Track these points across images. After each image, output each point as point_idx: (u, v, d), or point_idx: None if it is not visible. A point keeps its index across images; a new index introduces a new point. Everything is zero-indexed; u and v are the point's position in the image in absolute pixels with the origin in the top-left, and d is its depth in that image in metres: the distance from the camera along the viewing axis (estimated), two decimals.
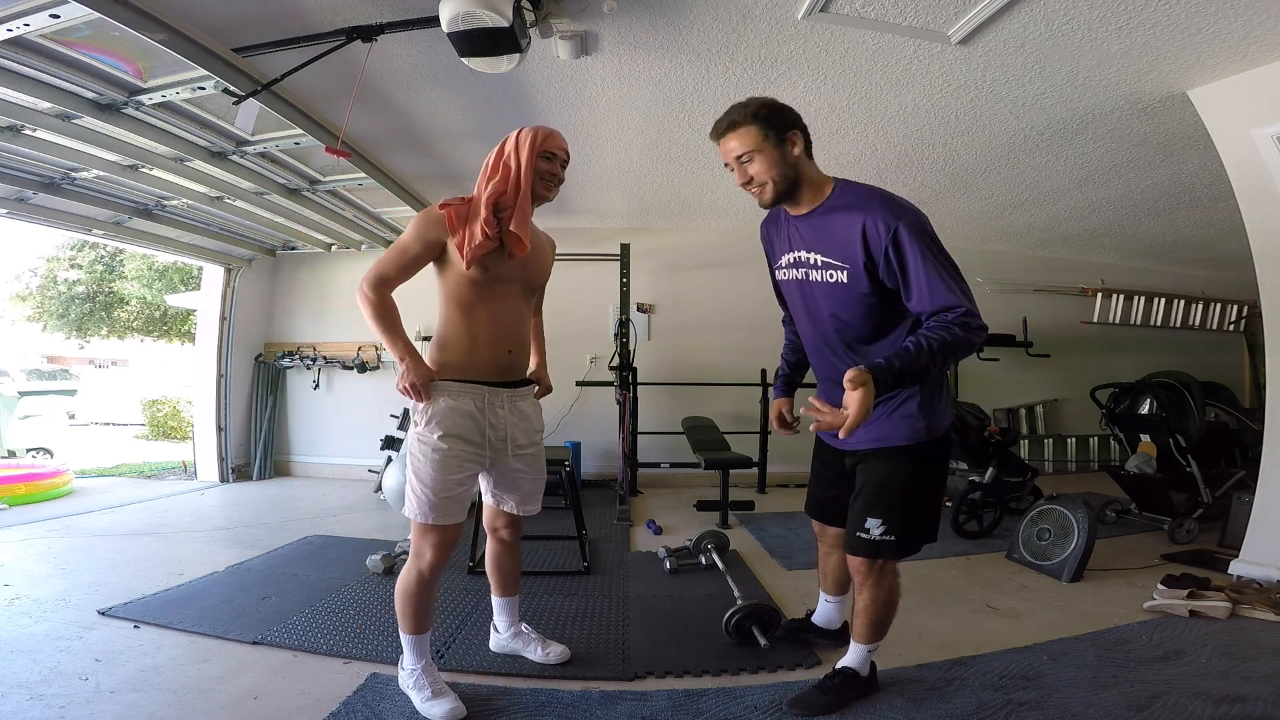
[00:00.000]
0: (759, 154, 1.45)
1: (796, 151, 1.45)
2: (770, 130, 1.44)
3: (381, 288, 1.61)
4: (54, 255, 10.43)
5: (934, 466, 1.60)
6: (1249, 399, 5.47)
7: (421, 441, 1.62)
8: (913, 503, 1.56)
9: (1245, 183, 2.76)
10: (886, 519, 1.54)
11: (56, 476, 4.44)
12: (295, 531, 3.48)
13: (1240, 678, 1.82)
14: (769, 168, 1.45)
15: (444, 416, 1.62)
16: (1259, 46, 2.42)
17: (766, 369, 4.93)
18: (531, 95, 2.93)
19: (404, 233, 1.65)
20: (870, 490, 1.58)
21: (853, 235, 1.39)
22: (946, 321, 1.32)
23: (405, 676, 1.71)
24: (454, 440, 1.62)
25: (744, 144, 1.45)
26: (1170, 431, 3.50)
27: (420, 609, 1.67)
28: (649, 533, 3.58)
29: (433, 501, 1.61)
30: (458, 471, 1.63)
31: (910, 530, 1.57)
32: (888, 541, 1.56)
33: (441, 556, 1.65)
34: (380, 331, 1.62)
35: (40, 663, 1.85)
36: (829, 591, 2.04)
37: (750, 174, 1.47)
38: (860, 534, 1.57)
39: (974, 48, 2.48)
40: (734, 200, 4.58)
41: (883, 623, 1.68)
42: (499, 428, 1.69)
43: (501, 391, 1.70)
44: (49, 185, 3.37)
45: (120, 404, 11.91)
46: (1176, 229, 4.89)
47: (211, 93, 2.51)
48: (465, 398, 1.64)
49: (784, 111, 1.46)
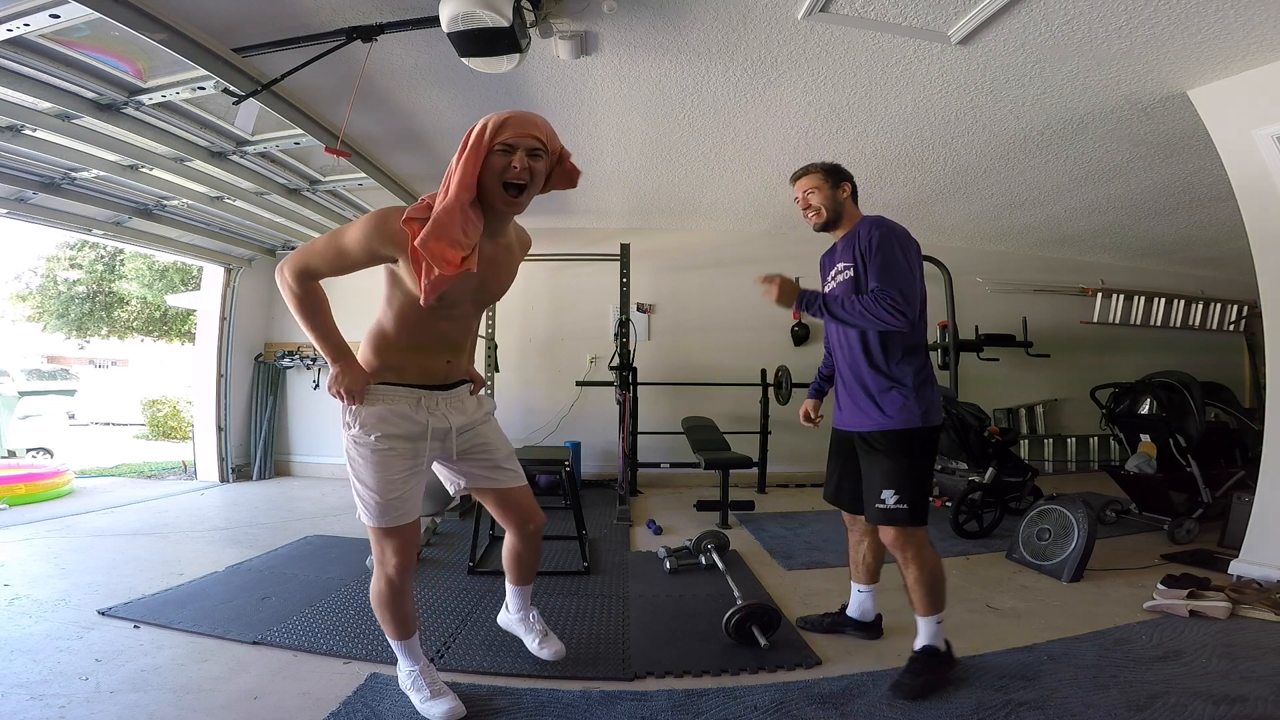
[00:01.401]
0: (818, 191, 2.03)
1: (844, 196, 2.03)
2: (829, 177, 2.03)
3: (307, 280, 1.46)
4: (54, 255, 10.43)
5: (927, 451, 1.91)
6: (1249, 399, 5.46)
7: (358, 444, 1.53)
8: (917, 477, 1.85)
9: (1245, 183, 2.76)
10: (899, 489, 1.82)
11: (56, 476, 4.44)
12: (295, 531, 3.48)
13: (1240, 678, 1.82)
14: (823, 201, 2.03)
15: (380, 419, 1.52)
16: (1259, 46, 2.42)
17: (766, 369, 4.93)
18: (531, 95, 2.93)
19: (349, 230, 1.43)
20: (884, 466, 1.87)
21: (854, 244, 1.92)
22: (873, 293, 1.80)
23: (404, 678, 1.70)
24: (391, 440, 1.53)
25: (810, 184, 2.04)
26: (1170, 431, 3.50)
27: (399, 614, 1.64)
28: (649, 533, 3.58)
29: (380, 504, 1.54)
30: (400, 470, 1.55)
31: (918, 501, 1.83)
32: (901, 510, 1.81)
33: (405, 558, 1.61)
34: (308, 328, 1.50)
35: (40, 663, 1.85)
36: (861, 581, 2.16)
37: (810, 203, 2.05)
38: (878, 505, 1.84)
39: (974, 48, 2.48)
40: (734, 200, 4.58)
41: (936, 591, 1.83)
42: (439, 426, 1.60)
43: (436, 394, 1.60)
44: (49, 185, 3.37)
45: (120, 404, 11.91)
46: (1176, 229, 4.89)
47: (211, 93, 2.52)
48: (400, 401, 1.55)
49: (841, 171, 2.05)
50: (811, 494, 4.80)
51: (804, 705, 1.70)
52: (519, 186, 1.42)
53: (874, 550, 2.14)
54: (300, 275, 1.45)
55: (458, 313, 1.57)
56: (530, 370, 5.29)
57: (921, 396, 1.87)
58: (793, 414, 5.33)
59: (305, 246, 1.48)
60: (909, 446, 1.86)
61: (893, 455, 1.86)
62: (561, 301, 5.27)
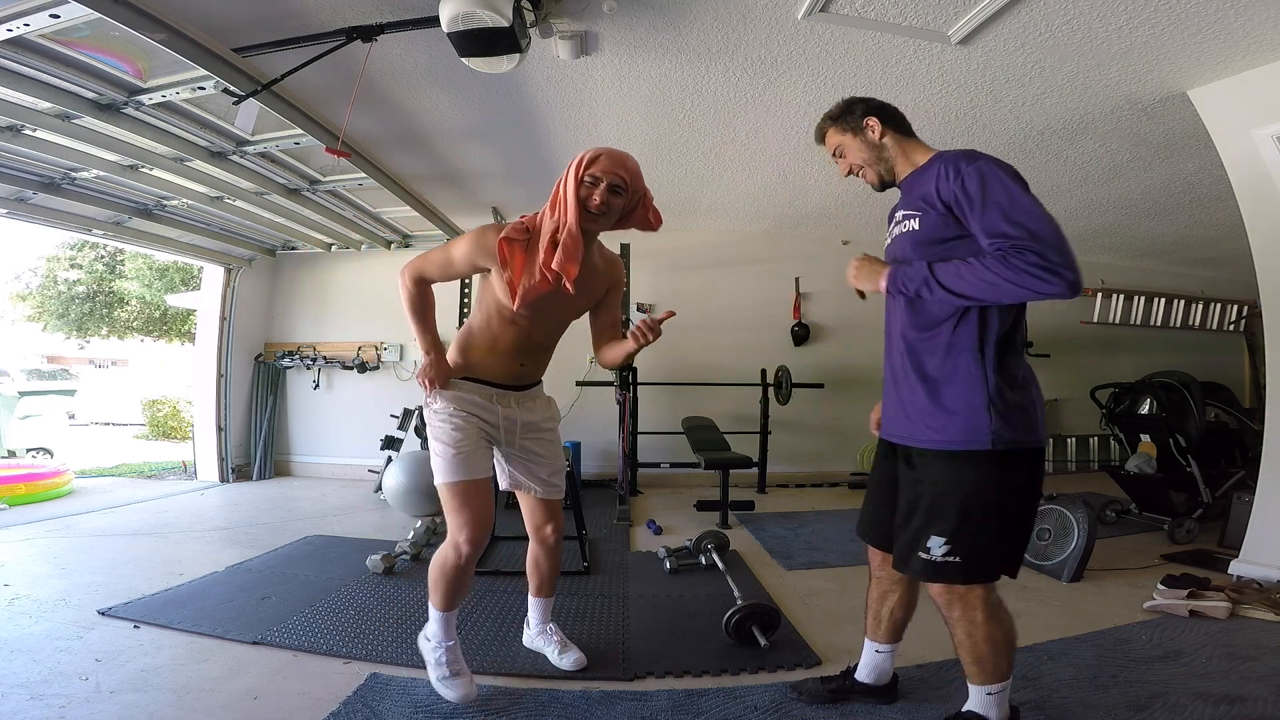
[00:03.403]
0: (844, 146, 1.58)
1: (875, 135, 1.53)
2: (845, 124, 1.57)
3: (422, 284, 1.70)
4: (54, 255, 10.44)
5: (1009, 486, 1.35)
6: (1249, 399, 5.46)
7: (438, 415, 1.68)
8: (983, 519, 1.34)
9: (1245, 183, 2.76)
10: (951, 537, 1.34)
11: (56, 476, 4.44)
12: (295, 531, 3.48)
13: (1240, 678, 1.82)
14: (856, 155, 1.56)
15: (457, 401, 1.69)
16: (1259, 46, 2.42)
17: (766, 369, 4.93)
18: (531, 95, 2.93)
19: (457, 244, 1.67)
20: (928, 501, 1.38)
21: (928, 184, 1.40)
22: (1003, 249, 1.25)
23: (430, 648, 1.73)
24: (468, 416, 1.68)
25: (831, 143, 1.61)
26: (1170, 431, 3.50)
27: (455, 586, 1.69)
28: (649, 533, 3.58)
29: (453, 455, 1.63)
30: (471, 434, 1.67)
31: (981, 552, 1.35)
32: (951, 564, 1.35)
33: (477, 531, 1.64)
34: (414, 321, 1.71)
35: (40, 663, 1.85)
36: (880, 639, 1.68)
37: (847, 165, 1.60)
38: (920, 554, 1.38)
39: (974, 48, 2.48)
40: (734, 200, 4.58)
41: (989, 659, 1.40)
42: (509, 417, 1.75)
43: (510, 393, 1.76)
44: (49, 185, 3.37)
45: (120, 404, 11.91)
46: (1176, 229, 4.89)
47: (211, 93, 2.51)
48: (474, 393, 1.71)
49: (854, 104, 1.57)
50: (811, 494, 4.80)
51: (804, 705, 1.70)
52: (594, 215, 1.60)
53: (905, 604, 1.65)
54: (417, 279, 1.70)
55: (539, 322, 1.72)
56: None
57: (1004, 404, 1.33)
58: (793, 414, 5.36)
59: (421, 256, 1.72)
60: (975, 476, 1.34)
61: (944, 487, 1.36)
62: None
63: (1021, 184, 1.31)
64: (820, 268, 5.38)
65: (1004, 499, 1.36)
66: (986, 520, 1.35)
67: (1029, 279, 1.22)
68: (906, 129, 1.56)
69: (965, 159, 1.35)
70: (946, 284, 1.31)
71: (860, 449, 5.29)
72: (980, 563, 1.36)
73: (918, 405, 1.42)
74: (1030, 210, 1.25)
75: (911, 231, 1.43)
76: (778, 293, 5.37)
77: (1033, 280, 1.22)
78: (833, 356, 5.35)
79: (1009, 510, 1.37)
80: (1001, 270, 1.24)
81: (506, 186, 4.31)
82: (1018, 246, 1.23)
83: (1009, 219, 1.25)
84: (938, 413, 1.38)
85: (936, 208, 1.37)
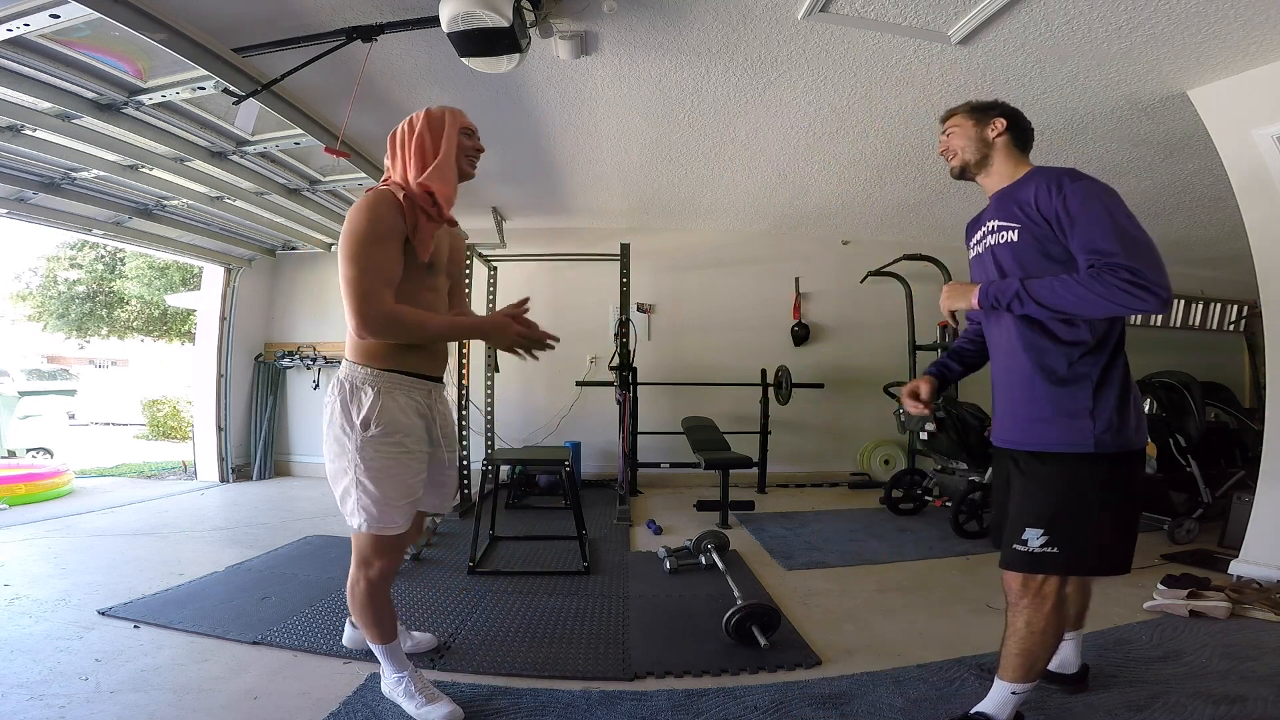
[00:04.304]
0: (959, 129, 1.62)
1: (993, 134, 1.58)
2: (976, 114, 1.61)
3: (381, 304, 1.39)
4: (54, 255, 10.44)
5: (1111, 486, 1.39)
6: (1249, 399, 5.46)
7: (377, 446, 1.46)
8: (1083, 512, 1.38)
9: (1245, 183, 2.75)
10: (1048, 528, 1.38)
11: (56, 476, 4.44)
12: (295, 531, 3.48)
13: (1240, 678, 1.82)
14: (961, 139, 1.61)
15: (402, 412, 1.50)
16: (1259, 46, 2.42)
17: (766, 369, 4.93)
18: (531, 95, 2.94)
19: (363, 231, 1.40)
20: (1024, 495, 1.44)
21: (1028, 198, 1.45)
22: (1096, 265, 1.30)
23: (392, 685, 1.64)
24: (409, 438, 1.51)
25: (953, 124, 1.65)
26: (1170, 431, 3.50)
27: (382, 615, 1.59)
28: (649, 533, 3.58)
29: (396, 508, 1.49)
30: (417, 472, 1.54)
31: (1082, 544, 1.38)
32: (1049, 555, 1.38)
33: (396, 561, 1.58)
34: (432, 339, 1.53)
35: (40, 663, 1.85)
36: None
37: (946, 144, 1.65)
38: (1017, 546, 1.41)
39: (974, 48, 2.48)
40: (734, 200, 4.58)
41: (1033, 655, 1.44)
42: (444, 425, 1.64)
43: (438, 387, 1.64)
44: (49, 185, 3.37)
45: (120, 404, 11.91)
46: (1176, 229, 4.89)
47: (211, 93, 2.51)
48: (414, 393, 1.54)
49: (996, 103, 1.62)
50: (811, 494, 4.80)
51: (804, 705, 1.70)
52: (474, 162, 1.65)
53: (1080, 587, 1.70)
54: (377, 305, 1.38)
55: (437, 282, 1.62)
56: (530, 370, 5.23)
57: (1103, 407, 1.38)
58: (793, 414, 5.34)
59: (360, 289, 1.37)
60: (1073, 477, 1.39)
61: (1042, 484, 1.42)
62: (561, 301, 5.27)
63: (1119, 203, 1.36)
64: (820, 268, 5.38)
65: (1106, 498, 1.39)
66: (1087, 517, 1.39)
67: (1121, 295, 1.27)
68: (1025, 144, 1.61)
69: (1069, 177, 1.40)
70: (1040, 299, 1.36)
71: (860, 449, 5.29)
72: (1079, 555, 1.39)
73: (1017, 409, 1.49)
74: (1126, 230, 1.31)
75: (1011, 243, 1.49)
76: (778, 293, 5.37)
77: (1125, 296, 1.27)
78: (833, 356, 5.35)
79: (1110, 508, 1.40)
80: (1095, 286, 1.29)
81: (506, 186, 4.31)
82: (1112, 264, 1.28)
83: (1105, 237, 1.31)
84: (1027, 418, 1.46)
85: (1037, 221, 1.42)
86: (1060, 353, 1.42)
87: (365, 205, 1.43)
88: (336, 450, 1.50)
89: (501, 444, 4.97)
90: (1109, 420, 1.37)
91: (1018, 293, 1.38)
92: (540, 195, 4.51)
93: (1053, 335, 1.43)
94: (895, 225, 5.06)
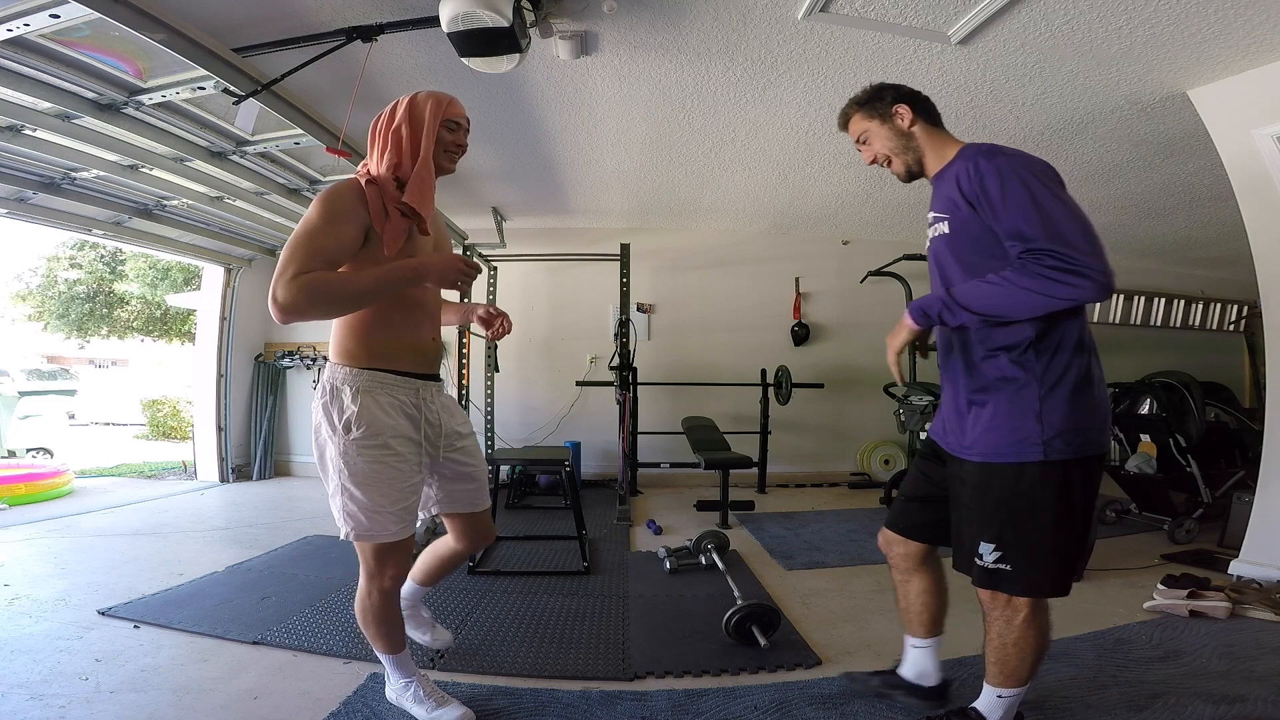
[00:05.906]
0: (870, 134, 1.50)
1: (905, 124, 1.45)
2: (873, 110, 1.49)
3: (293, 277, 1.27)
4: (54, 255, 10.44)
5: (1064, 494, 1.27)
6: (1249, 399, 5.47)
7: (361, 450, 1.39)
8: (1034, 529, 1.28)
9: (1245, 183, 2.76)
10: (998, 543, 1.30)
11: (56, 476, 4.44)
12: (295, 531, 3.48)
13: (1240, 678, 1.82)
14: (882, 143, 1.48)
15: (384, 412, 1.41)
16: (1259, 46, 2.42)
17: (766, 369, 4.93)
18: (531, 95, 2.94)
19: (316, 215, 1.33)
20: (974, 506, 1.34)
21: (952, 184, 1.33)
22: (1016, 254, 1.18)
23: (399, 691, 1.61)
24: (395, 439, 1.43)
25: (856, 129, 1.52)
26: (1170, 431, 3.50)
27: (394, 626, 1.55)
28: (649, 533, 3.58)
29: (388, 514, 1.41)
30: (411, 475, 1.46)
31: (1033, 560, 1.29)
32: (1002, 571, 1.31)
33: (404, 567, 1.53)
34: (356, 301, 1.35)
35: (40, 663, 1.85)
36: (916, 633, 1.65)
37: (872, 154, 1.51)
38: (975, 560, 1.35)
39: (974, 48, 2.48)
40: (734, 200, 4.58)
41: (1010, 664, 1.37)
42: (435, 424, 1.53)
43: (430, 385, 1.53)
44: (49, 185, 3.37)
45: (120, 404, 11.92)
46: (1176, 229, 4.89)
47: (211, 93, 2.51)
48: (398, 392, 1.45)
49: (884, 90, 1.49)
50: (811, 494, 4.80)
51: (804, 705, 1.70)
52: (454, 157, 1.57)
53: (931, 588, 1.61)
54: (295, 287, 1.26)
55: None
56: (530, 370, 5.29)
57: (1053, 410, 1.25)
58: (793, 414, 5.34)
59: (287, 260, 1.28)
60: (1017, 488, 1.28)
61: (985, 496, 1.32)
62: (561, 301, 5.27)
63: (1046, 180, 1.22)
64: (820, 268, 5.39)
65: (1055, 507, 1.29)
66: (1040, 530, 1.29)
67: (1050, 285, 1.14)
68: (936, 119, 1.48)
69: (985, 155, 1.28)
70: (968, 305, 1.25)
71: (860, 449, 5.29)
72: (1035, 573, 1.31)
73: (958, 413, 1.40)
74: (1051, 208, 1.16)
75: (943, 236, 1.37)
76: (778, 293, 5.37)
77: (1056, 286, 1.13)
78: (833, 356, 5.35)
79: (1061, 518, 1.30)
80: (1023, 280, 1.16)
81: (506, 186, 4.31)
82: (1034, 250, 1.16)
83: (1027, 219, 1.17)
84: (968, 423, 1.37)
85: (961, 207, 1.31)
86: (1000, 352, 1.30)
87: (321, 195, 1.38)
88: (321, 456, 1.46)
89: (501, 444, 4.97)
90: (1060, 424, 1.25)
91: (945, 303, 1.28)
92: (540, 195, 4.51)
93: (988, 334, 1.32)
94: (895, 225, 5.06)
